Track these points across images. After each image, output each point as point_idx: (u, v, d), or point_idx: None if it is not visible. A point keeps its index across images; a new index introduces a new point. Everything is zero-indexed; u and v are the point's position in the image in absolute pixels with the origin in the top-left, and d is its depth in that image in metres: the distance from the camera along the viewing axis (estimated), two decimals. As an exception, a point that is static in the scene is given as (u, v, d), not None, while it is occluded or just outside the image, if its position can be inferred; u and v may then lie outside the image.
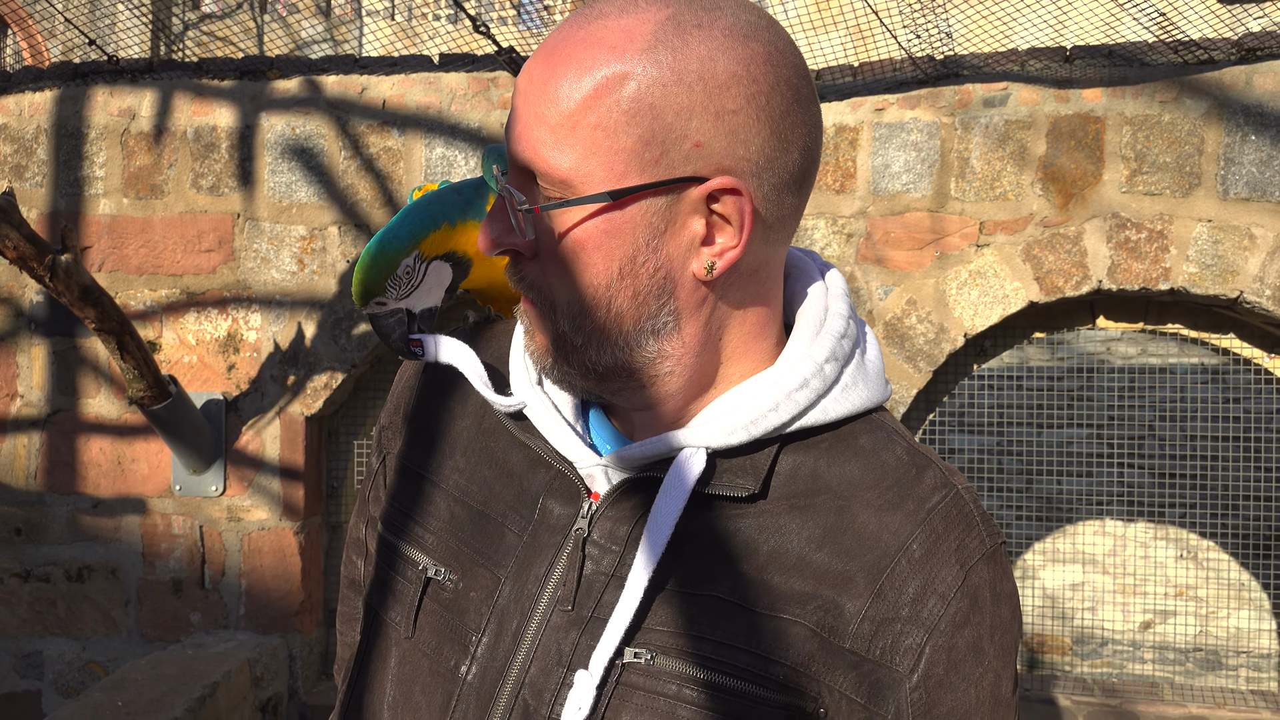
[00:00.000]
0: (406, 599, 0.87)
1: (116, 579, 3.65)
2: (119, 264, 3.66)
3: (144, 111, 3.67)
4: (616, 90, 0.71)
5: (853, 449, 0.81)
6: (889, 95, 3.37)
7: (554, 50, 0.73)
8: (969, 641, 0.77)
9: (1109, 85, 3.24)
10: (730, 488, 0.78)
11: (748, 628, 0.77)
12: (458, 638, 0.83)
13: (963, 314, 3.31)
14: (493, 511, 0.85)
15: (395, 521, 0.92)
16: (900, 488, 0.79)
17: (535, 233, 0.76)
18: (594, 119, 0.71)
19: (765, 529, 0.78)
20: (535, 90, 0.73)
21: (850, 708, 0.76)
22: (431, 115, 3.53)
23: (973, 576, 0.77)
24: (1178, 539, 6.21)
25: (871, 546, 0.77)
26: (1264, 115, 3.14)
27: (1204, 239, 3.18)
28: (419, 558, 0.88)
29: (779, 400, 0.78)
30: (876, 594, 0.76)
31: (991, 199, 3.30)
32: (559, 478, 0.83)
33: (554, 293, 0.77)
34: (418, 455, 0.93)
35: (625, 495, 0.81)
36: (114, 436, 3.65)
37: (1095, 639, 6.34)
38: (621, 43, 0.71)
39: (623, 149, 0.72)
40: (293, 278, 3.58)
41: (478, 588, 0.84)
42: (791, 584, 0.77)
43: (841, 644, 0.76)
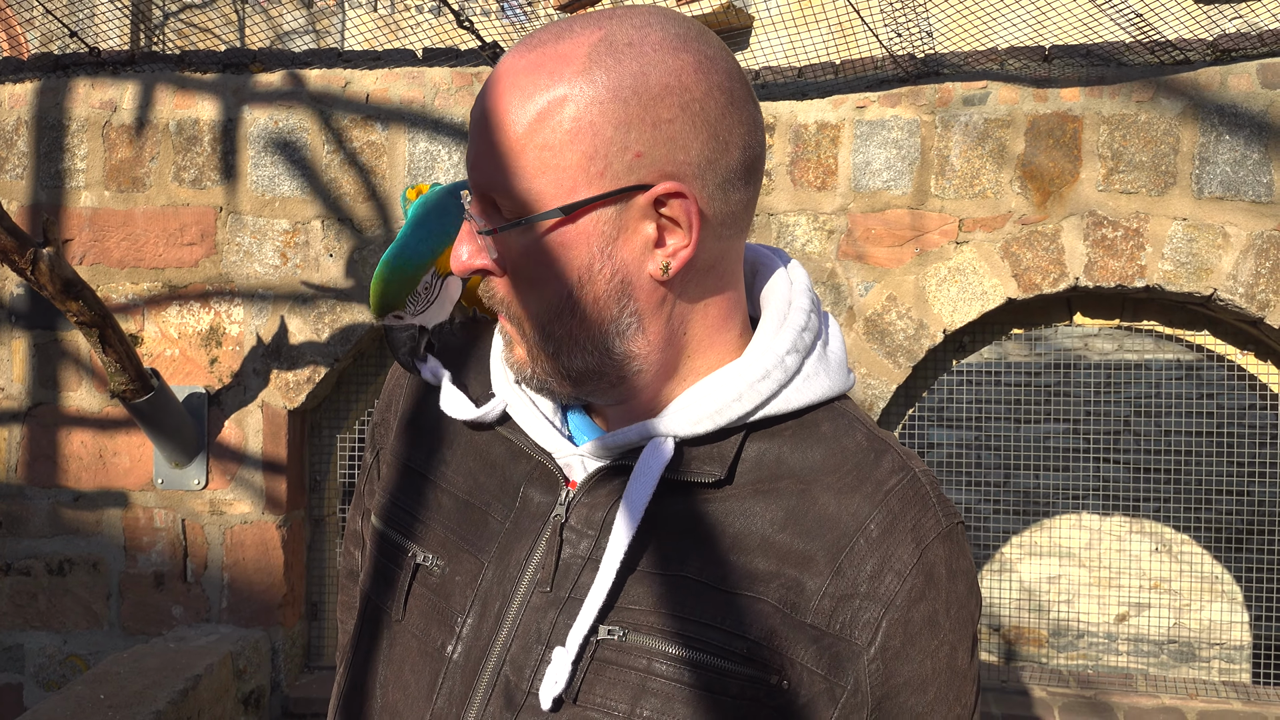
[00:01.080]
0: (397, 584, 0.92)
1: (98, 572, 3.64)
2: (100, 257, 3.65)
3: (126, 104, 3.65)
4: (558, 112, 0.76)
5: (814, 435, 0.86)
6: (870, 93, 3.40)
7: (500, 79, 0.78)
8: (924, 615, 0.81)
9: (1087, 85, 3.28)
10: (698, 474, 0.83)
11: (715, 605, 0.81)
12: (444, 619, 0.89)
13: (942, 310, 3.35)
14: (477, 500, 0.91)
15: (387, 512, 0.97)
16: (859, 471, 0.84)
17: (498, 253, 0.81)
18: (539, 141, 0.76)
19: (731, 512, 0.83)
20: (485, 119, 0.78)
21: (811, 679, 0.81)
22: (415, 110, 3.54)
23: (928, 554, 0.82)
24: (1153, 532, 6.29)
25: (831, 527, 0.82)
26: (1238, 115, 3.19)
27: (1179, 237, 3.22)
28: (409, 545, 0.93)
29: (742, 391, 0.83)
30: (836, 572, 0.81)
31: (971, 197, 3.33)
32: (538, 468, 0.89)
33: (522, 307, 0.83)
34: (408, 450, 0.98)
35: (600, 483, 0.86)
36: (95, 430, 3.64)
37: (1071, 631, 6.42)
38: (558, 67, 0.76)
39: (569, 166, 0.77)
40: (275, 271, 3.58)
41: (463, 572, 0.89)
42: (756, 564, 0.81)
43: (803, 619, 0.81)
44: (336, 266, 3.55)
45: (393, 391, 1.04)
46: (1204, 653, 6.25)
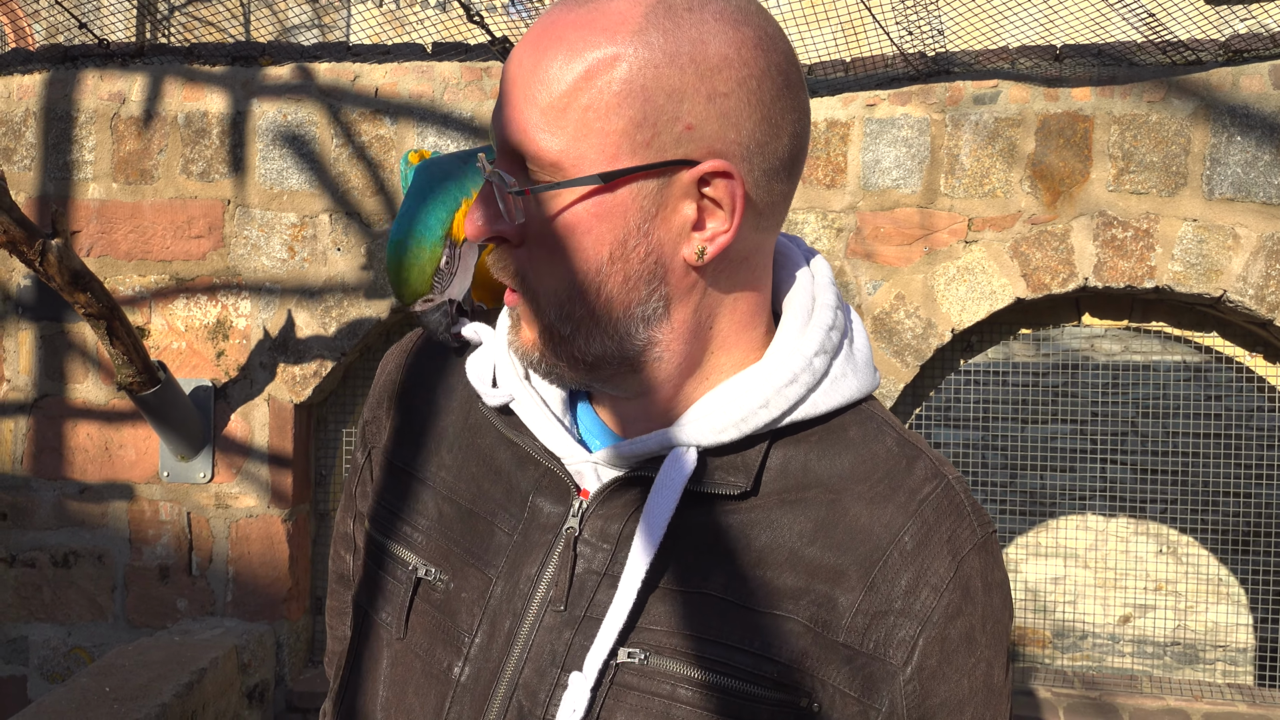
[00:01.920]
0: (397, 599, 0.87)
1: (103, 565, 3.64)
2: (108, 249, 3.65)
3: (134, 96, 3.65)
4: (608, 72, 0.70)
5: (842, 441, 0.81)
6: (880, 91, 3.39)
7: (544, 33, 0.72)
8: (962, 632, 0.77)
9: (1098, 84, 3.27)
10: (722, 485, 0.78)
11: (742, 625, 0.77)
12: (450, 639, 0.83)
13: (950, 309, 3.34)
14: (481, 510, 0.85)
15: (383, 519, 0.91)
16: (891, 479, 0.79)
17: (524, 217, 0.75)
18: (585, 101, 0.71)
19: (757, 525, 0.78)
20: (525, 73, 0.72)
21: (844, 701, 0.76)
22: (424, 104, 3.53)
23: (964, 567, 0.78)
24: (1158, 534, 6.28)
25: (864, 539, 0.77)
26: (1249, 116, 3.18)
27: (1189, 238, 3.21)
28: (408, 557, 0.87)
29: (769, 396, 0.78)
30: (869, 587, 0.76)
31: (980, 196, 3.32)
32: (548, 475, 0.83)
33: (541, 280, 0.76)
34: (403, 451, 0.92)
35: (616, 493, 0.80)
36: (102, 422, 3.64)
37: (1075, 632, 6.41)
38: (613, 25, 0.71)
39: (614, 131, 0.71)
40: (283, 265, 3.58)
41: (469, 588, 0.83)
42: (784, 579, 0.77)
43: (835, 638, 0.76)
44: (344, 260, 3.55)
45: (385, 387, 0.97)
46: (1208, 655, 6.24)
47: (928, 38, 3.43)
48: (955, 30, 3.60)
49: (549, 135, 0.71)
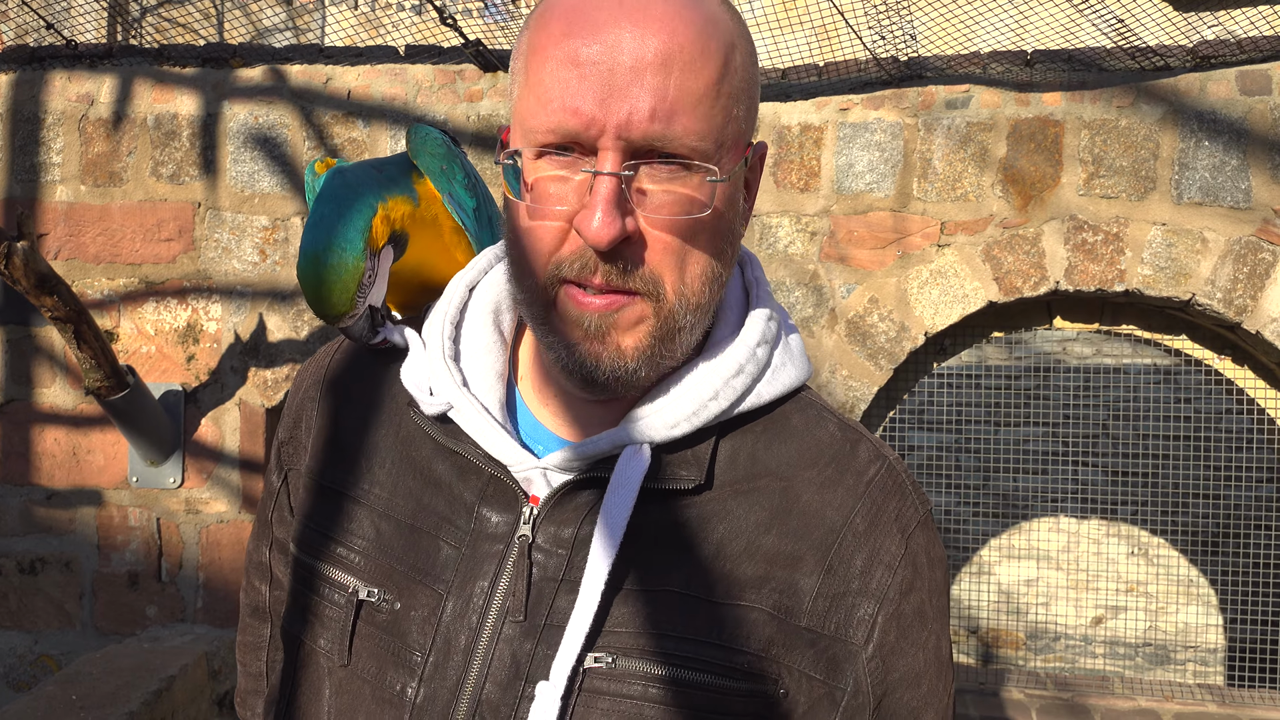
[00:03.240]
0: (336, 625, 0.83)
1: (71, 571, 3.60)
2: (76, 252, 3.60)
3: (103, 97, 3.61)
4: (733, 59, 0.72)
5: (787, 429, 0.82)
6: (853, 95, 3.40)
7: (658, 16, 0.70)
8: (914, 607, 0.80)
9: (1068, 89, 3.29)
10: (676, 480, 0.78)
11: (707, 620, 0.77)
12: (400, 661, 0.80)
13: (923, 313, 3.35)
14: (423, 525, 0.82)
15: (313, 542, 0.87)
16: (837, 464, 0.81)
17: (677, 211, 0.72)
18: (727, 88, 0.71)
19: (712, 518, 0.78)
20: (659, 60, 0.69)
21: (810, 684, 0.78)
22: (397, 107, 3.51)
23: (912, 544, 0.80)
24: (1129, 536, 6.34)
25: (817, 524, 0.78)
26: (1217, 122, 3.22)
27: (1158, 242, 3.25)
28: (346, 579, 0.83)
29: (718, 388, 0.79)
30: (827, 570, 0.78)
31: (953, 200, 3.34)
32: (492, 483, 0.81)
33: (666, 279, 0.73)
34: (330, 470, 0.88)
35: (567, 496, 0.79)
36: (69, 427, 3.59)
37: (1048, 634, 6.46)
38: (713, 11, 0.72)
39: (740, 116, 0.73)
40: (254, 268, 3.55)
41: (417, 606, 0.80)
42: (744, 570, 0.77)
43: (798, 623, 0.77)
44: (316, 264, 3.52)
45: (301, 406, 0.93)
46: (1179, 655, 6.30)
47: (900, 42, 3.45)
48: (927, 35, 3.62)
49: (703, 122, 0.71)
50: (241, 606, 1.04)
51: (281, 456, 0.94)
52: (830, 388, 3.37)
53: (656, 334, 0.75)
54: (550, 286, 0.75)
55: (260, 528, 0.99)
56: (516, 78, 0.76)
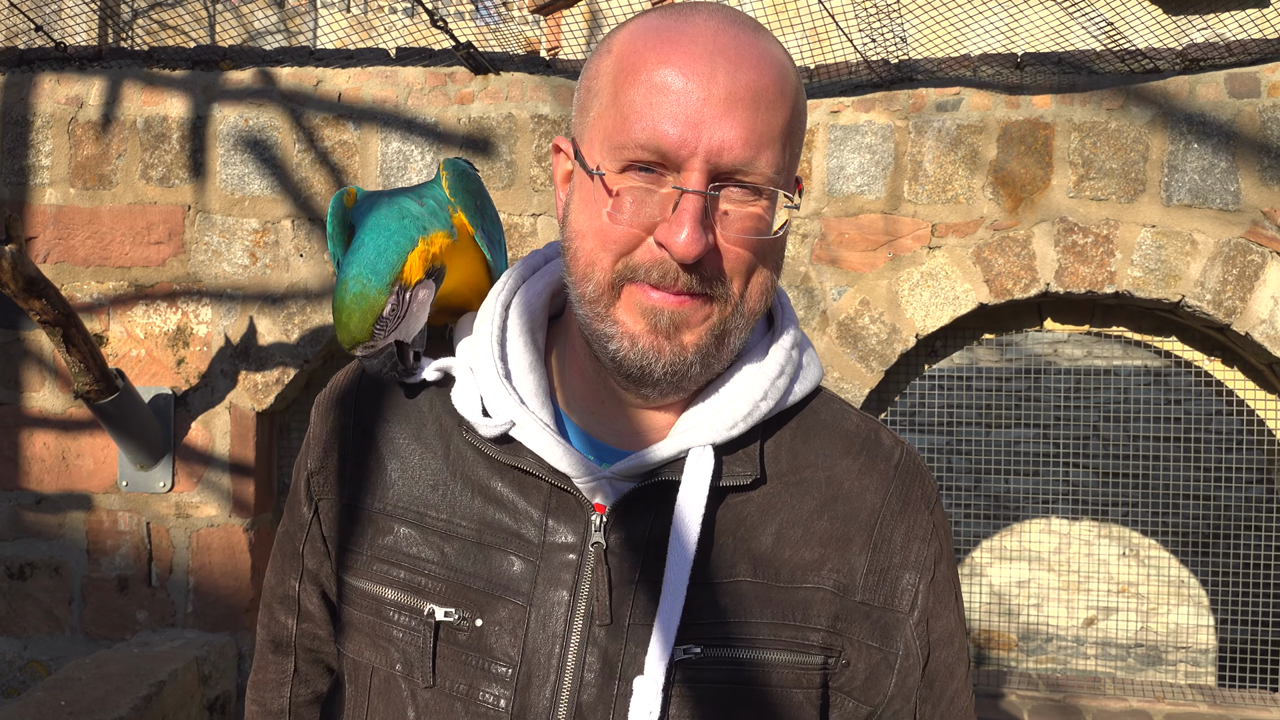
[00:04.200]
0: (415, 648, 0.86)
1: (60, 576, 3.58)
2: (65, 255, 3.59)
3: (92, 100, 3.60)
4: (800, 104, 0.81)
5: (818, 423, 0.90)
6: (844, 98, 3.41)
7: (748, 54, 0.78)
8: (944, 574, 0.90)
9: (1058, 92, 3.30)
10: (736, 477, 0.85)
11: (779, 603, 0.84)
12: (489, 675, 0.83)
13: (914, 315, 3.36)
14: (491, 541, 0.85)
15: (373, 570, 0.89)
16: (868, 451, 0.90)
17: (753, 227, 0.80)
18: (798, 124, 0.81)
19: (769, 509, 0.86)
20: (750, 96, 0.77)
21: (869, 652, 0.86)
22: (388, 109, 3.51)
23: (935, 517, 0.91)
24: (1120, 537, 6.35)
25: (860, 507, 0.87)
26: (1206, 124, 3.23)
27: (1148, 244, 3.25)
28: (418, 604, 0.86)
29: (766, 389, 0.86)
30: (873, 548, 0.87)
31: (943, 202, 3.35)
32: (556, 495, 0.85)
33: (733, 284, 0.81)
34: (377, 497, 0.90)
35: (633, 502, 0.84)
36: (59, 431, 3.58)
37: (1040, 635, 6.47)
38: (789, 62, 0.81)
39: (799, 150, 0.83)
40: (244, 271, 3.54)
41: (498, 620, 0.84)
42: (803, 555, 0.85)
43: (854, 598, 0.86)
44: (307, 267, 3.52)
45: (333, 435, 0.94)
46: (1171, 656, 6.31)
47: (891, 45, 3.46)
48: (918, 38, 3.63)
49: (781, 153, 0.79)
50: (260, 642, 1.04)
51: (311, 487, 0.95)
52: (822, 390, 3.37)
53: (716, 333, 0.82)
54: (618, 284, 0.80)
55: (286, 560, 0.99)
56: (599, 95, 0.81)
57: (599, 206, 0.80)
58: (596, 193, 0.80)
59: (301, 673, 1.01)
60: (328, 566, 0.95)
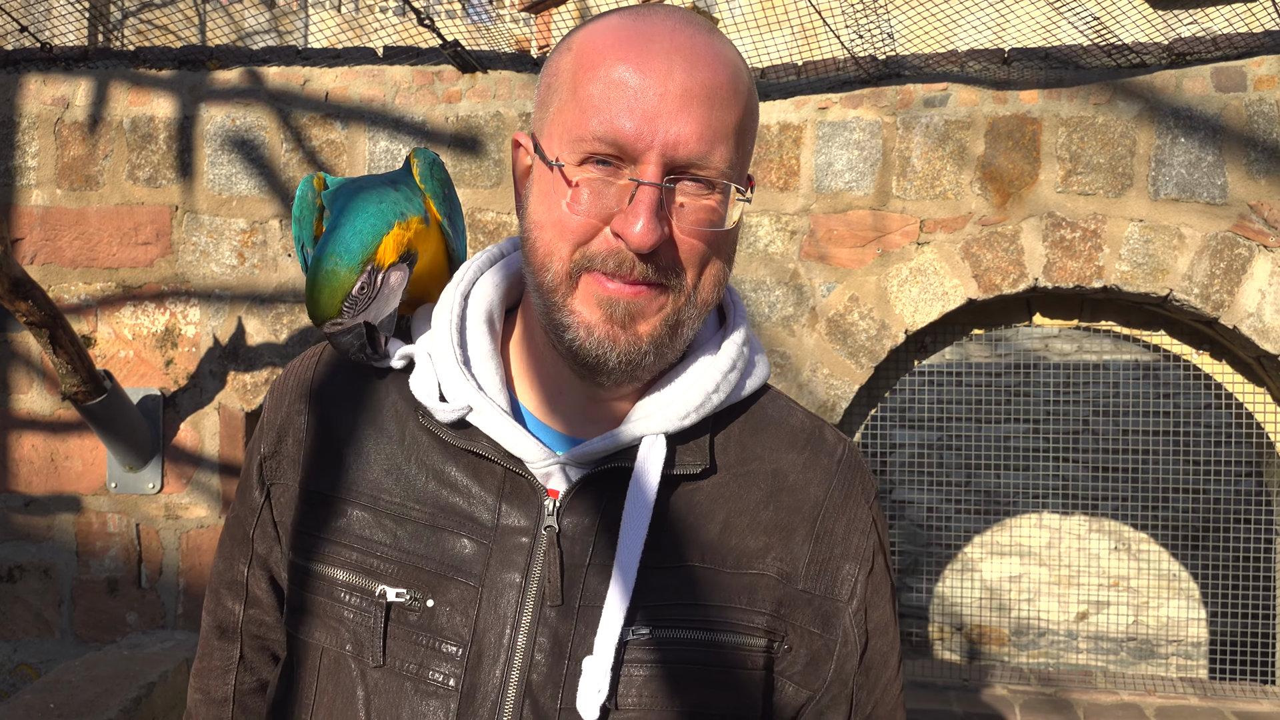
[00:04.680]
0: (366, 628, 0.87)
1: (49, 579, 3.57)
2: (52, 256, 3.58)
3: (78, 101, 3.59)
4: (752, 103, 0.85)
5: (764, 418, 0.94)
6: (832, 94, 3.41)
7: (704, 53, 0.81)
8: (881, 566, 0.94)
9: (1045, 87, 3.31)
10: (687, 466, 0.88)
11: (726, 587, 0.87)
12: (439, 653, 0.85)
13: (904, 311, 3.36)
14: (444, 524, 0.87)
15: (325, 552, 0.90)
16: (812, 446, 0.94)
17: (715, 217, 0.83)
18: (749, 122, 0.84)
19: (718, 499, 0.89)
20: (705, 93, 0.80)
21: (810, 638, 0.90)
22: (375, 108, 3.50)
23: (874, 511, 0.95)
24: (1112, 531, 6.37)
25: (804, 499, 0.91)
26: (1193, 118, 3.23)
27: (1136, 238, 3.26)
28: (370, 585, 0.88)
29: (718, 382, 0.89)
30: (816, 539, 0.90)
31: (932, 198, 3.35)
32: (510, 479, 0.87)
33: (687, 275, 0.83)
34: (330, 480, 0.92)
35: (586, 488, 0.87)
36: (47, 433, 3.56)
37: (1033, 629, 6.48)
38: (737, 59, 0.83)
39: (750, 150, 0.86)
40: (233, 271, 3.53)
41: (449, 601, 0.86)
42: (750, 542, 0.88)
43: (797, 586, 0.89)
44: (295, 267, 3.51)
45: (287, 420, 0.96)
46: (1162, 649, 6.33)
47: (879, 41, 3.46)
48: (906, 34, 3.63)
49: (734, 150, 0.82)
50: (205, 629, 1.03)
51: (264, 472, 0.96)
52: (811, 386, 3.38)
53: (670, 323, 0.84)
54: (575, 274, 0.83)
55: (235, 545, 0.99)
56: (558, 90, 0.84)
57: (558, 198, 0.82)
58: (555, 184, 0.82)
59: (247, 659, 1.01)
60: (278, 551, 0.96)
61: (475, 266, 0.96)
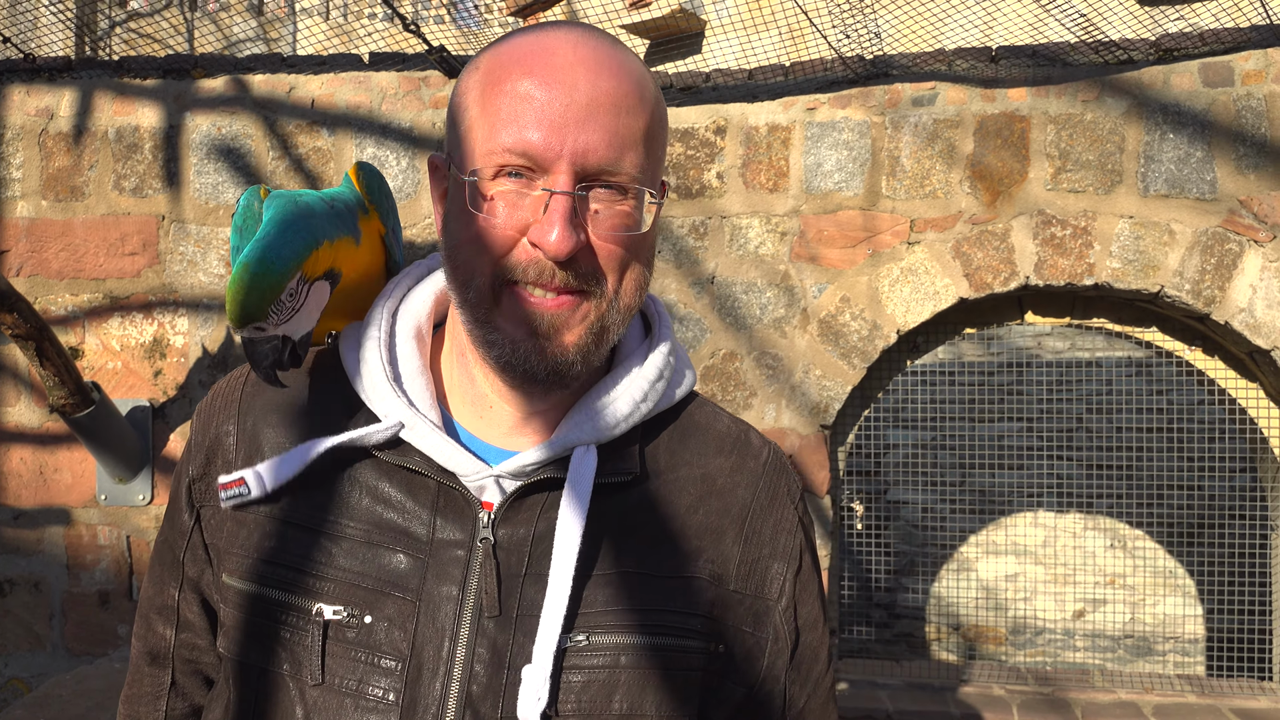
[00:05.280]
0: (302, 646, 0.87)
1: (40, 592, 3.54)
2: (39, 268, 3.56)
3: (63, 111, 3.57)
4: (660, 111, 0.86)
5: (693, 424, 0.96)
6: (820, 95, 3.40)
7: (606, 64, 0.83)
8: (809, 564, 0.97)
9: (1033, 85, 3.30)
10: (616, 474, 0.89)
11: (662, 591, 0.89)
12: (378, 669, 0.86)
13: (895, 311, 3.35)
14: (379, 540, 0.88)
15: (261, 572, 0.90)
16: (739, 450, 0.96)
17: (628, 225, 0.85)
18: (657, 128, 0.86)
19: (648, 505, 0.90)
20: (610, 102, 0.81)
21: (742, 637, 0.93)
22: (362, 115, 3.49)
23: (799, 511, 0.98)
24: (1108, 529, 6.36)
25: (733, 502, 0.93)
26: (1181, 114, 3.23)
27: (1126, 235, 3.26)
28: (306, 604, 0.87)
29: (646, 392, 0.91)
30: (745, 540, 0.93)
31: (921, 197, 3.34)
32: (444, 493, 0.88)
33: (608, 281, 0.85)
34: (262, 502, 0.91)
35: (519, 498, 0.88)
36: (35, 446, 3.54)
37: (1030, 628, 6.47)
38: (641, 69, 0.86)
39: (661, 155, 0.88)
40: (220, 281, 3.51)
41: (386, 616, 0.86)
42: (682, 546, 0.90)
43: (729, 587, 0.91)
44: (283, 275, 3.49)
45: (215, 442, 0.95)
46: (1160, 647, 6.33)
47: (866, 41, 3.45)
48: (892, 33, 3.63)
49: (643, 156, 0.84)
50: (134, 655, 1.02)
51: (193, 494, 0.96)
52: (804, 388, 3.36)
53: (594, 330, 0.85)
54: (497, 288, 0.84)
55: (165, 570, 0.99)
56: (468, 109, 0.85)
57: (474, 212, 0.83)
58: (472, 199, 0.83)
59: (179, 685, 1.00)
60: (209, 574, 0.95)
61: (401, 285, 0.98)
